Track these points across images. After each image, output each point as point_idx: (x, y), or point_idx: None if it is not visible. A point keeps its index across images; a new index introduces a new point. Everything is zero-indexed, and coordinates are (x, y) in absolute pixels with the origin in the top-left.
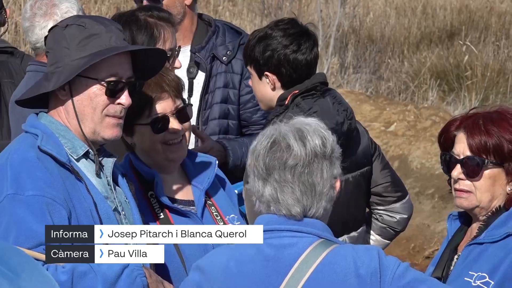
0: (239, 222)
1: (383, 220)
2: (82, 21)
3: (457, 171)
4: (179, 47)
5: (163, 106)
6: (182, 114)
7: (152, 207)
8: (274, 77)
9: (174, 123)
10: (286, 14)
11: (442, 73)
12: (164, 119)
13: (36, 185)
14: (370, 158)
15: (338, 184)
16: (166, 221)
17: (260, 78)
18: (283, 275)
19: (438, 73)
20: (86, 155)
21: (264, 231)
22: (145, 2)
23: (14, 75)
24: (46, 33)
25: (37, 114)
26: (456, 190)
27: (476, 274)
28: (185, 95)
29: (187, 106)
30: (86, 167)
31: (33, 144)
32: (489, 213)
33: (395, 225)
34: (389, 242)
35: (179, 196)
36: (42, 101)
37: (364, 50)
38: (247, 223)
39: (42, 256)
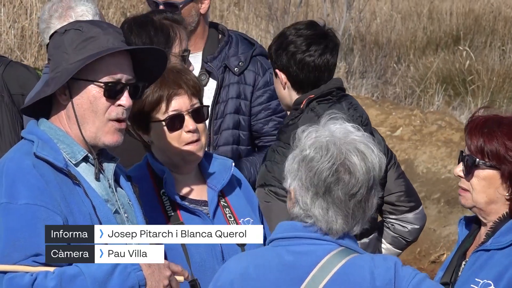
0: None
1: (395, 229)
2: (80, 25)
3: (459, 168)
4: (189, 51)
5: (179, 103)
6: (198, 114)
7: (163, 205)
8: (283, 75)
9: (189, 122)
10: (292, 18)
11: (448, 77)
12: (180, 117)
13: (30, 193)
14: (384, 167)
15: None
16: (176, 219)
17: (276, 75)
18: (299, 282)
19: (444, 77)
20: (85, 159)
21: (285, 238)
22: (161, 8)
23: None
24: None
25: (37, 120)
26: (459, 187)
27: (482, 281)
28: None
29: (204, 106)
30: (85, 171)
31: (29, 151)
32: (497, 220)
33: (407, 235)
34: (400, 252)
35: (192, 196)
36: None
37: (370, 55)
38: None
39: (27, 268)
